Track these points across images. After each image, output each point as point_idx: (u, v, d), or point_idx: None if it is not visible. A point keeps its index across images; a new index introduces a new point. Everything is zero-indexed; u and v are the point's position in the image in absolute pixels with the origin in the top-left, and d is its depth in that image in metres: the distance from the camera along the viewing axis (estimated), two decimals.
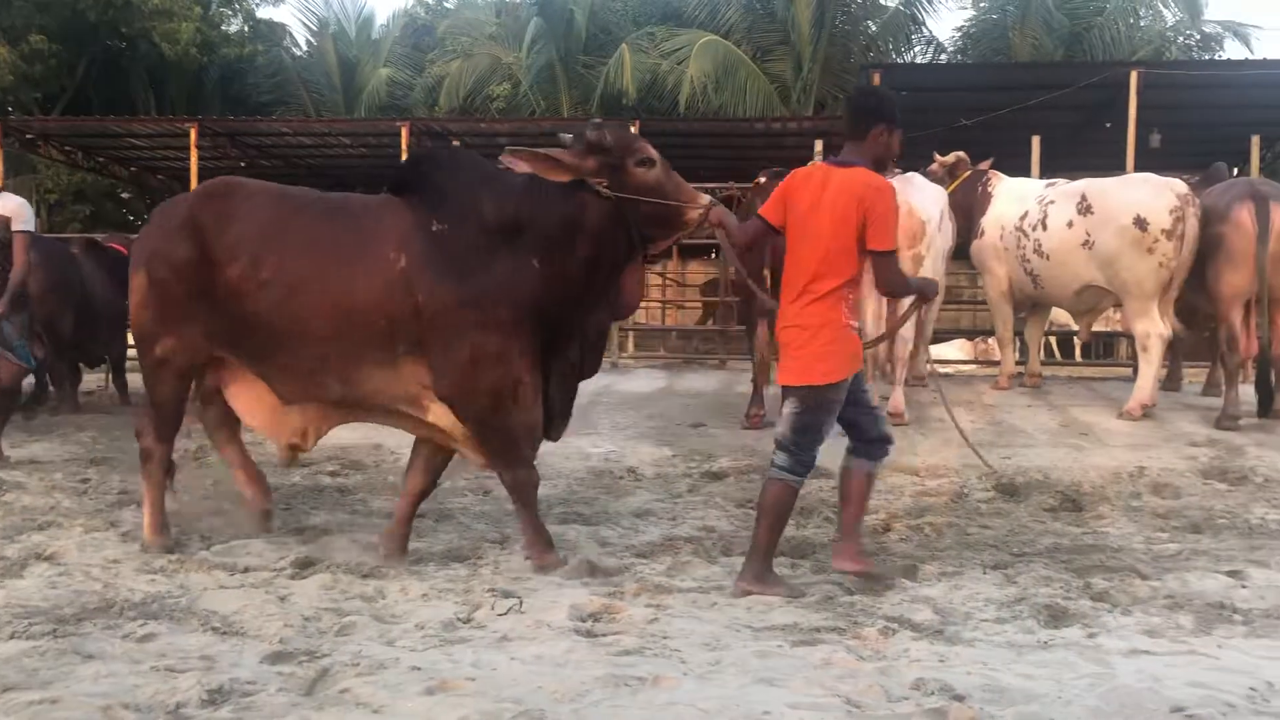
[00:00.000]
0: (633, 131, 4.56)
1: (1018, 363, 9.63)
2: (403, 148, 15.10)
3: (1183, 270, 7.71)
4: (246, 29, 24.87)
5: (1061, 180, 8.78)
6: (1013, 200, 8.72)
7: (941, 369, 11.30)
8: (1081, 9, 23.19)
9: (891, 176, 8.19)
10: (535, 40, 23.23)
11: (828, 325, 4.03)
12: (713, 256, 17.28)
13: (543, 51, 23.28)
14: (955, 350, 13.43)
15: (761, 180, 8.62)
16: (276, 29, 26.48)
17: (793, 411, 4.09)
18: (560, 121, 19.12)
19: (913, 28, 24.21)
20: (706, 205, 4.34)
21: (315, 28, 26.84)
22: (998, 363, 9.99)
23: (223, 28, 24.16)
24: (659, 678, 3.05)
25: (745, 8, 23.21)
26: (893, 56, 23.65)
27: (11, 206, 6.76)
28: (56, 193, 21.41)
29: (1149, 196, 7.68)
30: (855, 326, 4.10)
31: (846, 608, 3.84)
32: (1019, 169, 10.38)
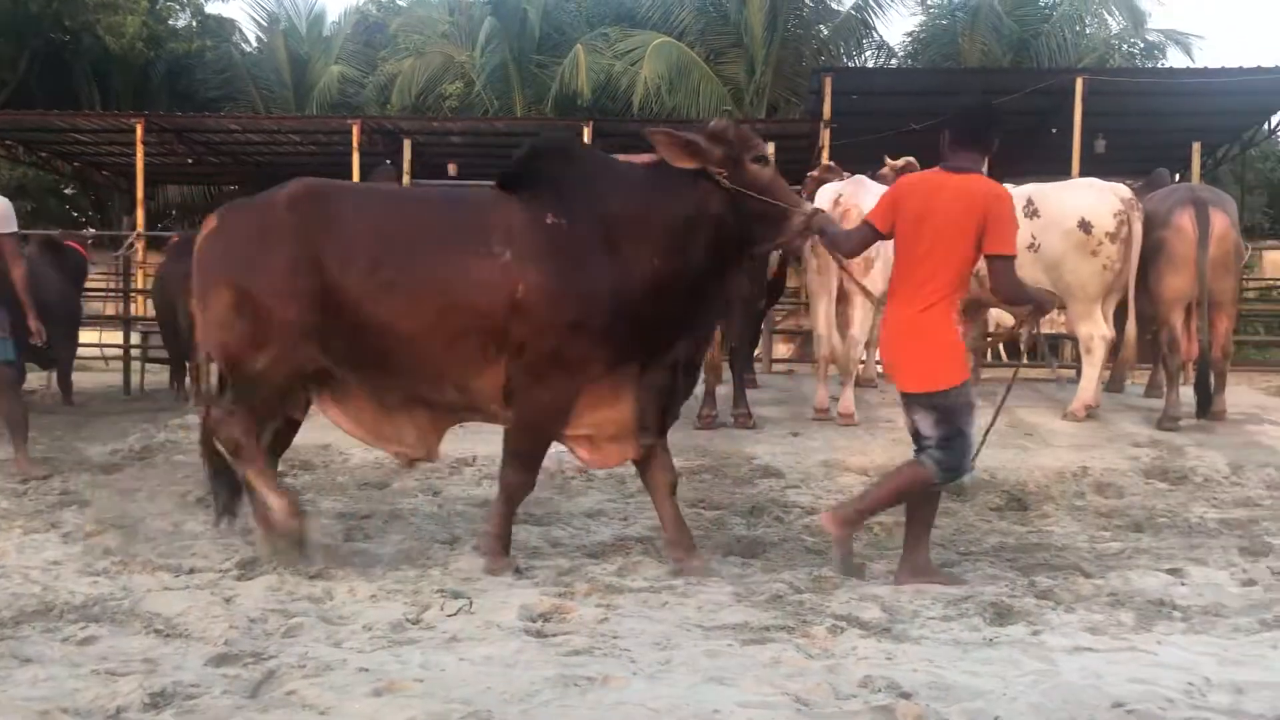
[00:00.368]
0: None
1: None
2: (354, 145, 15.00)
3: (1126, 274, 7.84)
4: (195, 24, 24.52)
5: (1009, 185, 8.89)
6: None
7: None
8: (1030, 16, 23.55)
9: (841, 180, 8.32)
10: (489, 39, 23.14)
11: (946, 329, 4.07)
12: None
13: (496, 51, 23.19)
14: None
15: (814, 175, 8.79)
16: (225, 24, 26.13)
17: (932, 419, 4.10)
18: (514, 121, 19.10)
19: (864, 32, 24.46)
20: (810, 212, 4.36)
21: (265, 23, 26.56)
22: None
23: (170, 22, 23.81)
24: (608, 677, 3.04)
25: (699, 10, 23.31)
26: (844, 60, 23.88)
27: (2, 209, 6.35)
28: None
29: (1093, 200, 7.80)
30: (962, 331, 4.16)
31: (796, 606, 3.87)
32: None
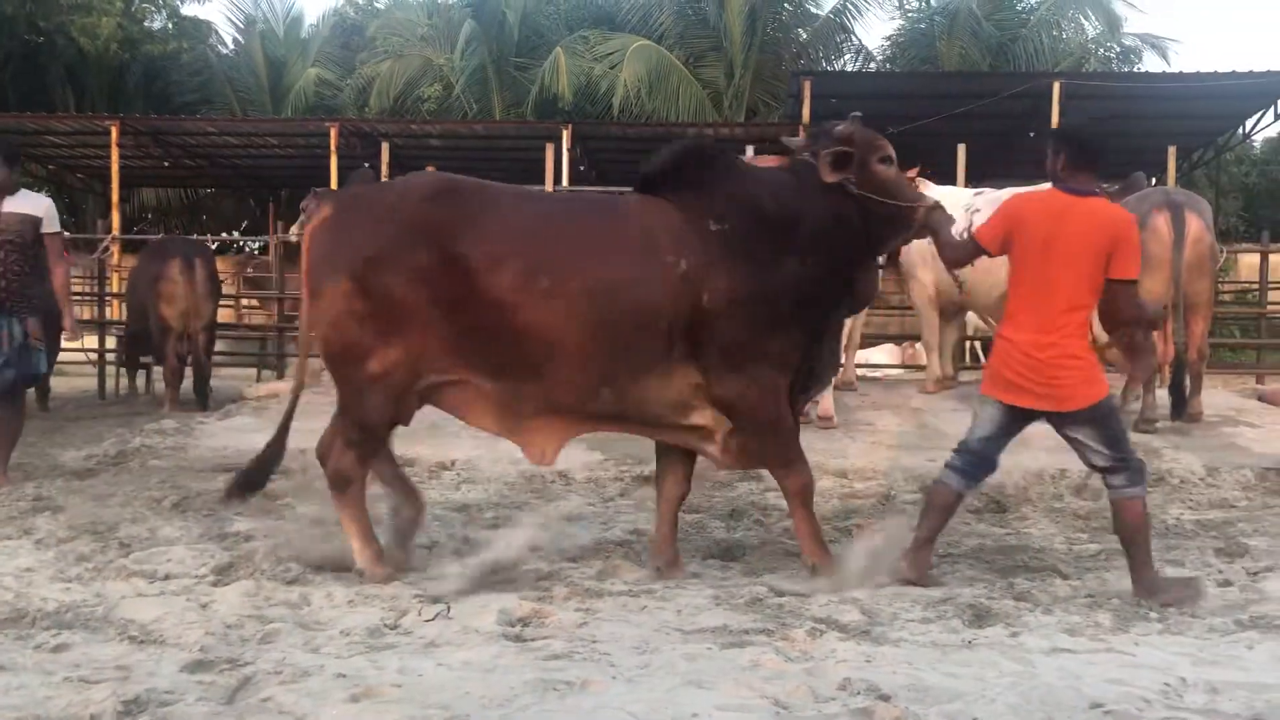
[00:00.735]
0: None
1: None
2: (331, 148, 14.93)
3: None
4: (170, 26, 24.34)
5: (988, 189, 8.93)
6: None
7: (871, 374, 11.44)
8: (1007, 20, 23.69)
9: None
10: (468, 42, 23.10)
11: (1084, 349, 4.09)
12: None
13: (475, 54, 23.16)
14: (883, 355, 13.61)
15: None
16: (201, 26, 25.95)
17: (1095, 432, 4.09)
18: (493, 124, 19.07)
19: (843, 36, 24.54)
20: (928, 206, 4.40)
21: (242, 25, 26.41)
22: (924, 367, 10.14)
23: (145, 24, 23.63)
24: (588, 681, 3.04)
25: (678, 14, 23.34)
26: (823, 64, 23.95)
27: (42, 206, 6.25)
28: None
29: None
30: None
31: (775, 610, 3.87)
32: (946, 177, 10.57)
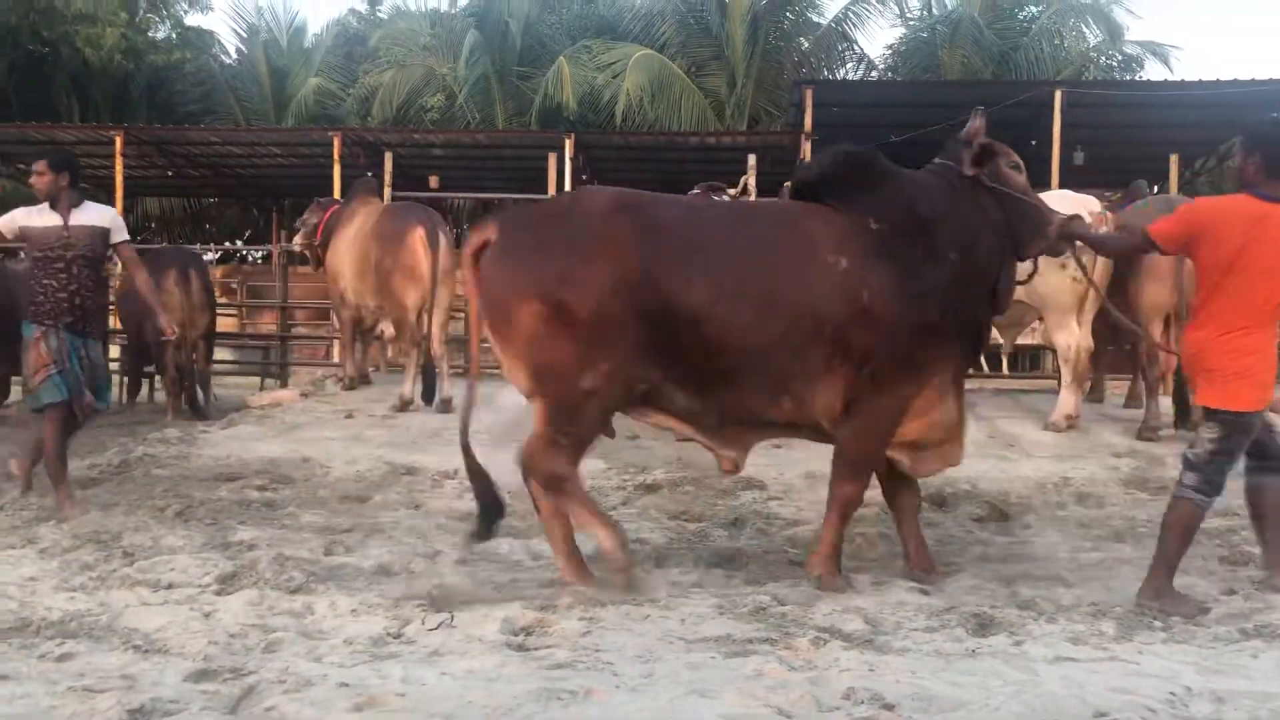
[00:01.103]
0: None
1: None
2: (335, 157, 14.95)
3: (1100, 285, 7.87)
4: (174, 36, 24.39)
5: None
6: None
7: None
8: (1009, 29, 23.69)
9: None
10: (471, 52, 23.15)
11: (1266, 353, 4.07)
12: None
13: (478, 63, 23.20)
14: None
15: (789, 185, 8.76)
16: (205, 36, 26.01)
17: (1213, 435, 4.08)
18: (496, 133, 19.10)
19: (844, 45, 24.52)
20: (1065, 216, 4.47)
21: (246, 35, 26.48)
22: None
23: (149, 34, 23.67)
24: (591, 690, 3.04)
25: (680, 23, 23.37)
26: (825, 73, 23.96)
27: (108, 216, 5.92)
28: None
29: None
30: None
31: (778, 619, 3.86)
32: None
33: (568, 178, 14.32)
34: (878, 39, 55.00)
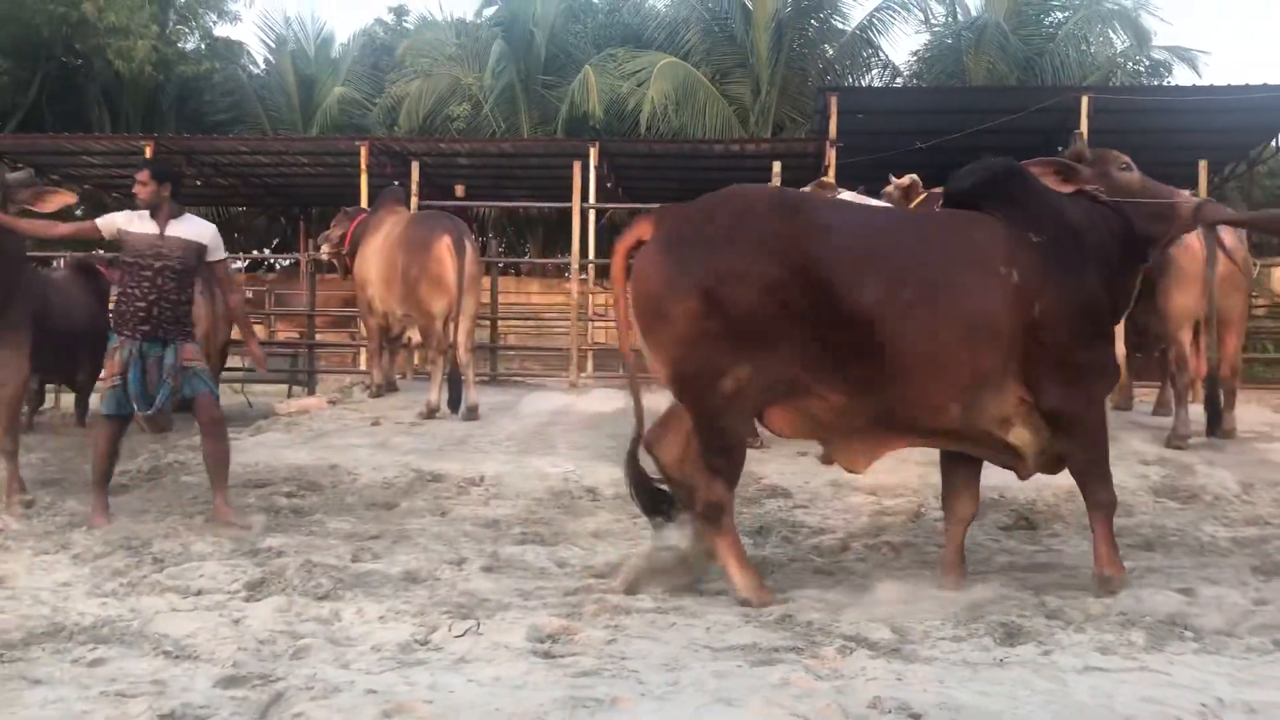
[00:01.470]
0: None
1: None
2: (361, 166, 15.04)
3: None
4: (203, 47, 24.69)
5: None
6: None
7: None
8: (1035, 35, 23.60)
9: (834, 196, 8.34)
10: (497, 62, 23.29)
11: None
12: None
13: (504, 73, 23.35)
14: None
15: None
16: (234, 47, 26.33)
17: None
18: (521, 142, 19.18)
19: (869, 52, 24.54)
20: (1197, 202, 4.58)
21: (274, 45, 26.76)
22: None
23: (179, 45, 23.98)
24: (617, 699, 3.04)
25: (704, 31, 23.43)
26: (849, 80, 23.95)
27: (207, 233, 5.93)
28: None
29: None
30: None
31: (805, 627, 3.85)
32: None
33: (592, 186, 14.34)
34: (902, 45, 54.94)
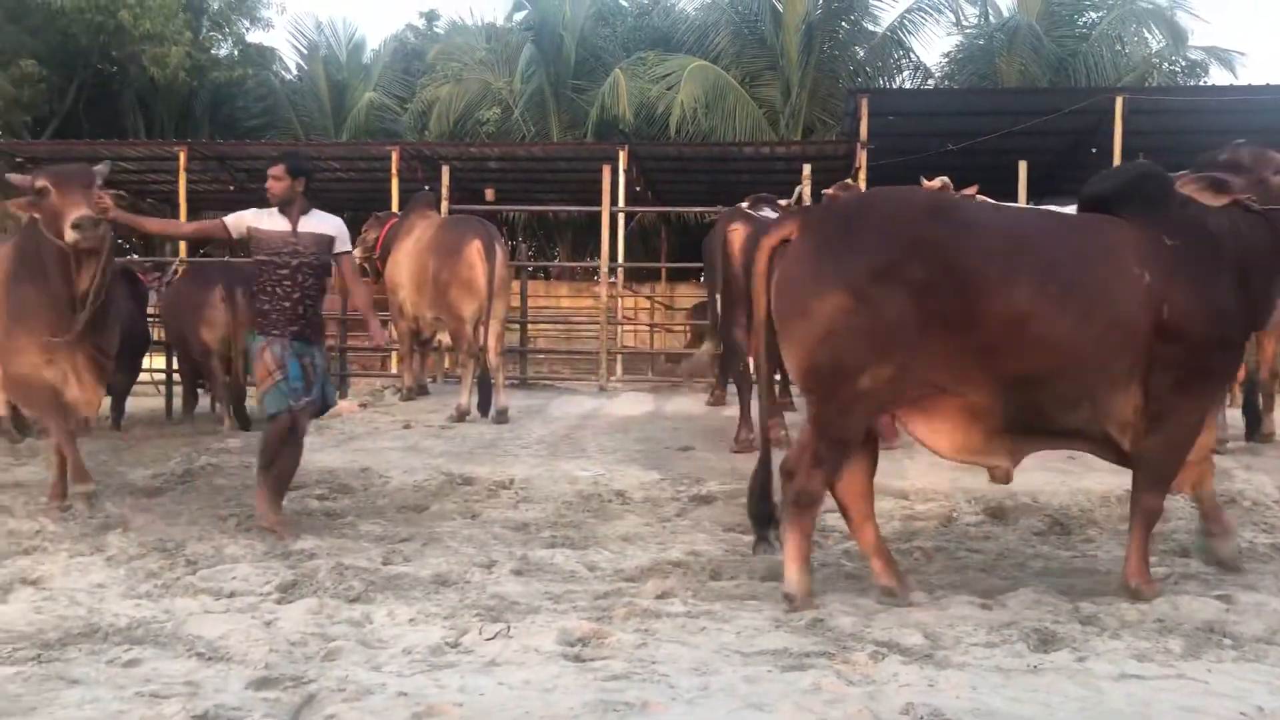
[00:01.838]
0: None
1: None
2: (393, 171, 15.14)
3: None
4: (236, 53, 24.95)
5: (1053, 205, 8.82)
6: None
7: None
8: (1068, 35, 23.41)
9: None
10: (527, 66, 23.37)
11: None
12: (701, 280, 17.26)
13: (534, 77, 23.43)
14: None
15: (829, 192, 8.78)
16: (266, 53, 26.58)
17: None
18: (550, 146, 19.24)
19: (900, 53, 24.41)
20: None
21: (306, 51, 26.98)
22: None
23: (212, 51, 24.25)
24: (647, 703, 3.03)
25: (734, 34, 23.40)
26: (880, 82, 23.83)
27: (334, 225, 5.89)
28: None
29: None
30: None
31: (836, 633, 3.83)
32: (1006, 194, 10.42)
33: (621, 190, 14.37)
34: (934, 47, 54.71)
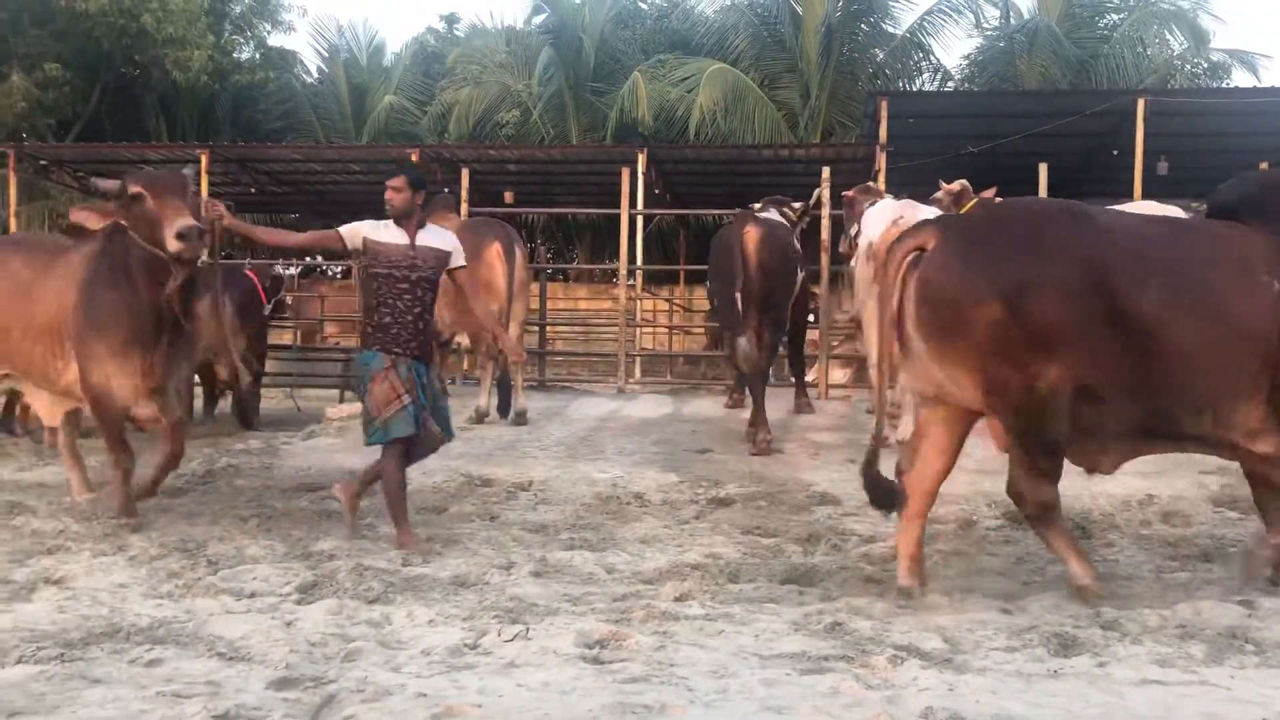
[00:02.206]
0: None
1: None
2: None
3: None
4: (258, 56, 25.09)
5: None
6: None
7: None
8: (1089, 37, 23.28)
9: (878, 200, 8.31)
10: (546, 69, 23.43)
11: None
12: None
13: (553, 80, 23.48)
14: None
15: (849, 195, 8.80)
16: (288, 56, 26.72)
17: None
18: (569, 149, 19.27)
19: (920, 55, 24.32)
20: None
21: (327, 55, 27.13)
22: None
23: (234, 55, 24.38)
24: (666, 706, 3.03)
25: (753, 36, 23.40)
26: (900, 84, 23.76)
27: (450, 241, 5.73)
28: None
29: None
30: None
31: (855, 636, 3.82)
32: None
33: (640, 192, 14.37)
34: (954, 49, 54.30)
